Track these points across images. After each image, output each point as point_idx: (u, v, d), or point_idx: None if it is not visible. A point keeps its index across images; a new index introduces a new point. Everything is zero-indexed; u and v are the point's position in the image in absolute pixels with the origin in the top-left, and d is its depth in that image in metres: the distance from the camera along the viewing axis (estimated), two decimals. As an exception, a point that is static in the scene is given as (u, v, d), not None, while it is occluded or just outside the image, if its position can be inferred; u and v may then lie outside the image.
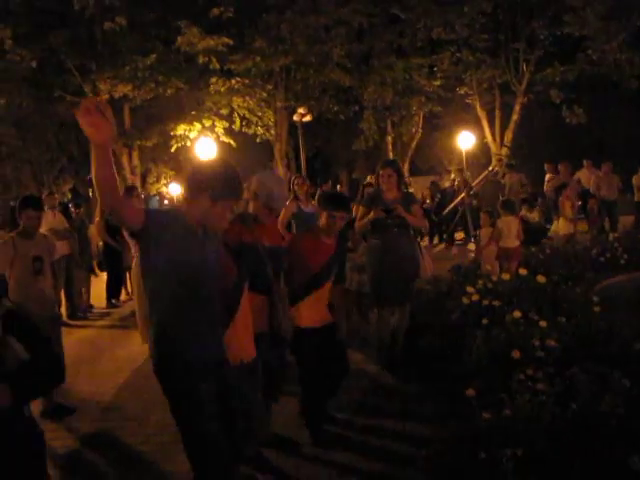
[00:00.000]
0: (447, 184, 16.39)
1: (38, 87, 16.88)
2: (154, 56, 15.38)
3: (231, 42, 15.43)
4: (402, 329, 5.32)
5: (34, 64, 14.98)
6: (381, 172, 5.35)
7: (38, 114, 18.28)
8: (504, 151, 19.41)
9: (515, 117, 19.42)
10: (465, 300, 5.12)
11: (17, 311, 2.28)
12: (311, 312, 3.88)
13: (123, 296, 10.01)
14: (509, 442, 2.78)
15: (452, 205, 14.56)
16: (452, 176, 25.78)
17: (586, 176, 13.98)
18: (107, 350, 6.82)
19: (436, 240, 14.99)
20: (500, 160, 16.54)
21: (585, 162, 14.67)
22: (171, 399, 2.58)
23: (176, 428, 2.60)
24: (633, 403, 3.02)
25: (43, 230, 8.69)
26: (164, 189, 27.38)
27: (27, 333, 2.25)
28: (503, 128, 20.00)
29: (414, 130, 21.10)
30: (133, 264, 6.41)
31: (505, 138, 19.86)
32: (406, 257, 5.28)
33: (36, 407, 4.38)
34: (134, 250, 6.36)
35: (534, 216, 10.60)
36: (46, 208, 8.90)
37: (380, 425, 4.17)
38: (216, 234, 2.73)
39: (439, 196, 15.48)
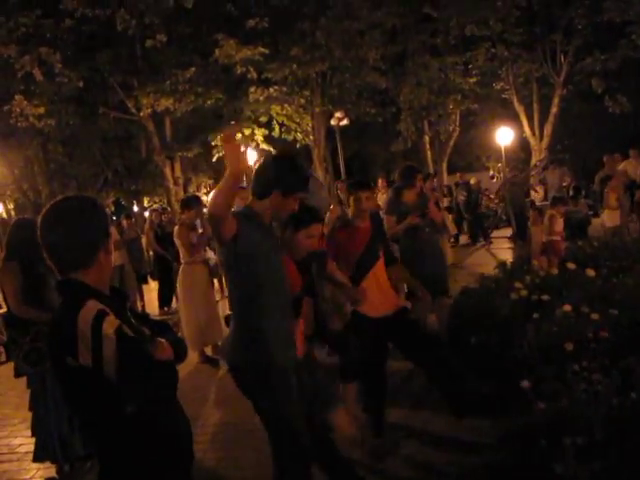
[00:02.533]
0: (472, 181, 16.15)
1: (83, 105, 17.55)
2: (193, 69, 15.82)
3: (267, 51, 15.74)
4: (444, 320, 5.56)
5: (81, 84, 15.55)
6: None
7: (83, 131, 18.97)
8: (544, 145, 19.17)
9: (554, 110, 19.16)
10: (514, 296, 5.17)
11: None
12: (371, 299, 3.82)
13: (174, 304, 10.31)
14: (568, 431, 2.84)
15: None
16: (491, 172, 25.60)
17: (633, 167, 13.68)
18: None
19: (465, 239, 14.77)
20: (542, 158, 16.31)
21: (631, 152, 14.34)
22: (262, 398, 2.67)
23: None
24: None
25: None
26: (204, 198, 27.97)
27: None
28: (542, 122, 19.74)
29: (451, 129, 21.01)
30: (179, 271, 6.59)
31: (545, 132, 19.60)
32: (437, 253, 5.68)
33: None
34: (183, 257, 6.54)
35: (579, 209, 10.50)
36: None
37: (437, 419, 4.23)
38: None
39: (465, 194, 15.27)
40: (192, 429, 2.01)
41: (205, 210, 11.27)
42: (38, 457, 4.07)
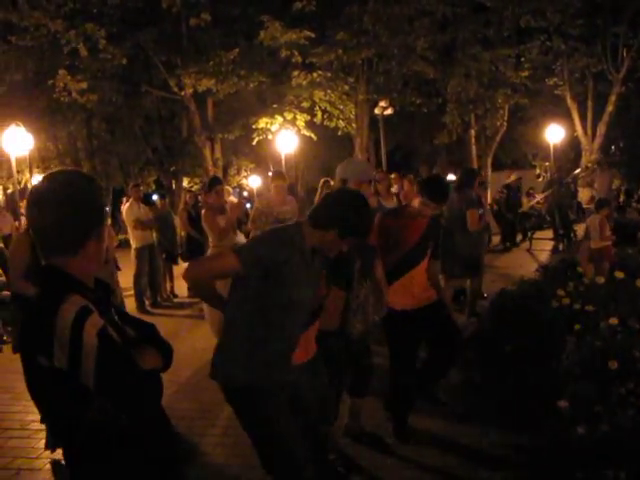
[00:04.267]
0: (513, 177, 15.42)
1: (126, 83, 17.65)
2: (237, 50, 15.69)
3: (313, 35, 15.46)
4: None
5: (124, 61, 15.61)
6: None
7: (126, 109, 19.10)
8: (596, 145, 18.43)
9: (610, 108, 18.37)
10: (554, 303, 4.82)
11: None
12: (405, 294, 3.74)
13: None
14: (608, 462, 2.52)
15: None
16: (537, 171, 24.80)
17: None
18: (187, 339, 6.93)
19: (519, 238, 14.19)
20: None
21: None
22: (249, 420, 2.51)
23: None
24: None
25: (130, 221, 9.11)
26: (244, 181, 27.99)
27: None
28: (596, 121, 18.94)
29: (499, 124, 20.36)
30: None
31: (598, 131, 18.82)
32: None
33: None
34: (212, 241, 6.38)
35: (629, 214, 9.96)
36: (131, 200, 9.27)
37: (466, 428, 3.96)
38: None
39: (505, 192, 14.62)
40: (206, 428, 1.77)
41: (229, 193, 10.99)
42: (51, 444, 3.98)
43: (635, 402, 2.94)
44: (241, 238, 7.35)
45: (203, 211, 6.25)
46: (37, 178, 18.21)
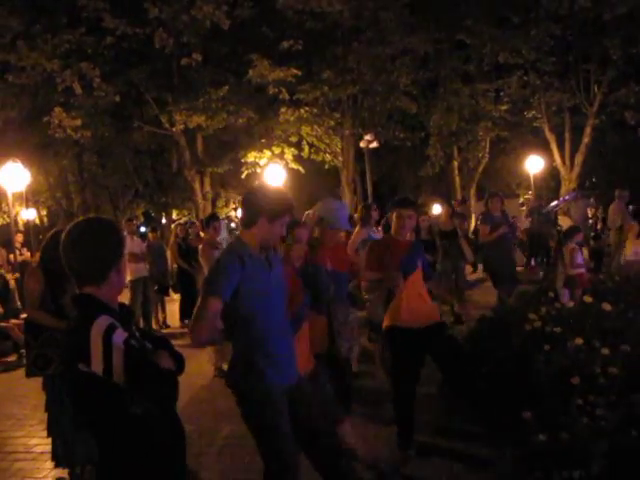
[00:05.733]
0: None
1: (118, 118, 18.09)
2: (226, 88, 16.21)
3: (300, 73, 16.07)
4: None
5: (117, 98, 16.05)
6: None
7: (117, 143, 19.51)
8: (574, 174, 19.03)
9: (586, 140, 18.99)
10: (527, 326, 5.16)
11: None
12: (399, 311, 3.99)
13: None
14: (565, 464, 2.85)
15: None
16: (520, 200, 25.39)
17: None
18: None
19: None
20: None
21: None
22: (253, 420, 2.79)
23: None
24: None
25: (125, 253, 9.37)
26: (232, 213, 28.32)
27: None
28: (573, 151, 19.58)
29: (480, 155, 20.99)
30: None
31: (575, 161, 19.44)
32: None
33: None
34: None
35: (602, 242, 10.38)
36: (125, 233, 9.56)
37: (444, 443, 4.27)
38: (277, 253, 2.98)
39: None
40: (200, 442, 2.13)
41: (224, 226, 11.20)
42: (59, 462, 4.15)
43: (591, 411, 3.28)
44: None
45: (200, 246, 6.57)
46: (29, 212, 18.48)
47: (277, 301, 2.82)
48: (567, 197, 15.74)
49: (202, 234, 7.53)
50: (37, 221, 23.78)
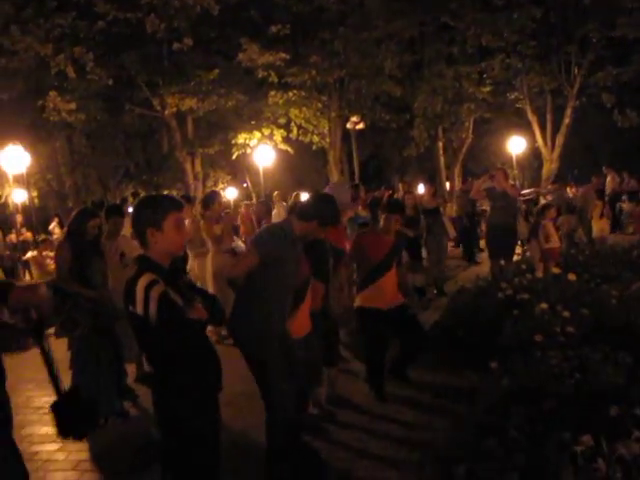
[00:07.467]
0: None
1: (110, 101, 18.36)
2: (217, 71, 16.57)
3: (288, 57, 16.47)
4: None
5: (110, 82, 16.34)
6: None
7: (108, 125, 19.77)
8: (555, 155, 19.60)
9: (567, 121, 19.46)
10: (500, 295, 5.77)
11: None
12: (375, 296, 4.78)
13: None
14: (522, 401, 3.45)
15: None
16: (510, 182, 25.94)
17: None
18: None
19: None
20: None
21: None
22: (260, 359, 3.34)
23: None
24: (632, 375, 3.64)
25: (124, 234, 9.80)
26: (222, 192, 28.66)
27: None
28: (555, 132, 20.09)
29: (464, 136, 21.49)
30: (208, 261, 7.05)
31: (557, 142, 19.95)
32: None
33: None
34: (211, 248, 7.02)
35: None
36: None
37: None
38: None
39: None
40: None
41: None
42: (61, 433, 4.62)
43: (547, 361, 3.88)
44: (238, 242, 8.07)
45: (201, 222, 7.00)
46: (18, 192, 18.62)
47: (291, 280, 3.46)
48: (543, 190, 16.27)
49: (193, 212, 7.79)
50: (27, 202, 23.91)
